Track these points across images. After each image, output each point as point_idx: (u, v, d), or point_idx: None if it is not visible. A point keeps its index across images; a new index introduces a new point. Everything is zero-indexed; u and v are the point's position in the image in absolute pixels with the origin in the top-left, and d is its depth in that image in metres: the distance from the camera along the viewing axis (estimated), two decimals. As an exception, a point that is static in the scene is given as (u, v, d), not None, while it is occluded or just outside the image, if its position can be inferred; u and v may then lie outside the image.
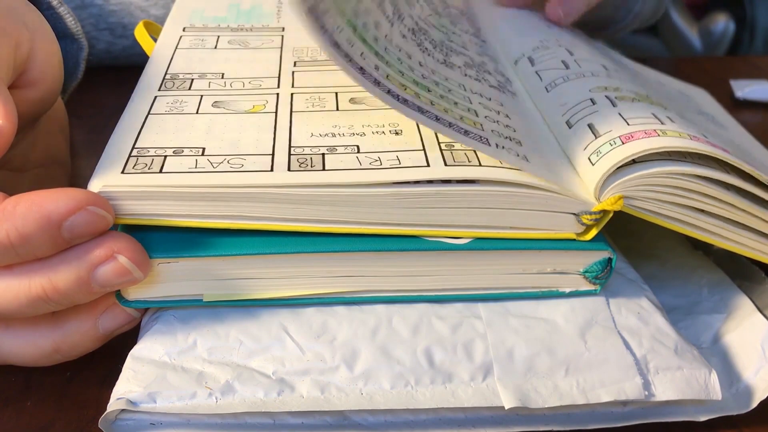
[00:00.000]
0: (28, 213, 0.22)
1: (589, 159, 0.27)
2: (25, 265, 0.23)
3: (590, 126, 0.28)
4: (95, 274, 0.23)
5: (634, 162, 0.26)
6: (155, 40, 0.35)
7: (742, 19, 0.85)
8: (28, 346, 0.25)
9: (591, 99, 0.30)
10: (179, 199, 0.24)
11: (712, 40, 0.85)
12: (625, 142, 0.26)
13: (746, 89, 0.53)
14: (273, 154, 0.26)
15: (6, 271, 0.23)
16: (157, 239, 0.25)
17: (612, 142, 0.27)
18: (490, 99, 0.30)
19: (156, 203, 0.24)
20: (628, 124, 0.27)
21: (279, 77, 0.32)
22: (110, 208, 0.24)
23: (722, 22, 0.85)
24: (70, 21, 0.37)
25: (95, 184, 0.24)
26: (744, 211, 0.27)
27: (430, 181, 0.25)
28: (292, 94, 0.31)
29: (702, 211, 0.27)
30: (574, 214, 0.26)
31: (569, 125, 0.29)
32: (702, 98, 0.45)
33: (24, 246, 0.22)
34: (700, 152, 0.26)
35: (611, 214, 0.26)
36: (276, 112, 0.29)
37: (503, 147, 0.26)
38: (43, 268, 0.23)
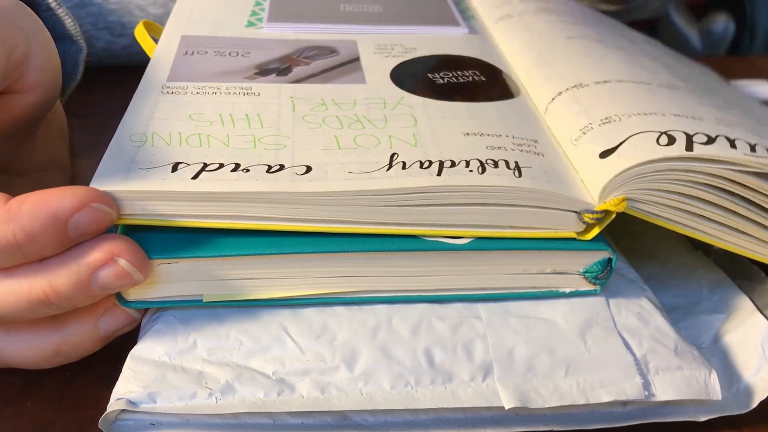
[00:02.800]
0: (34, 212, 0.22)
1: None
2: (25, 269, 0.23)
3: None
4: (95, 277, 0.23)
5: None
6: (156, 40, 0.35)
7: (742, 19, 0.85)
8: (30, 349, 0.25)
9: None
10: (179, 200, 0.24)
11: (712, 40, 0.85)
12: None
13: (746, 89, 0.53)
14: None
15: (6, 275, 0.23)
16: (157, 240, 0.25)
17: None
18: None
19: (156, 204, 0.24)
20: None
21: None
22: (114, 205, 0.24)
23: (722, 22, 0.85)
24: (69, 22, 0.37)
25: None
26: (745, 218, 0.27)
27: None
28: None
29: (706, 217, 0.27)
30: (576, 212, 0.26)
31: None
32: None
33: (30, 245, 0.22)
34: (711, 157, 0.26)
35: (614, 215, 0.26)
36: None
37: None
38: (44, 271, 0.23)
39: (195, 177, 0.25)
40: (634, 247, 0.33)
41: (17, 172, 0.32)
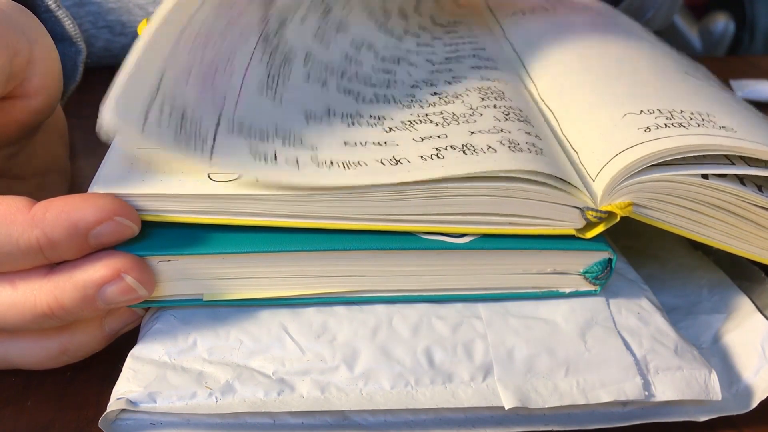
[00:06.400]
0: (57, 220, 0.23)
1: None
2: (31, 283, 0.23)
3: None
4: (101, 293, 0.24)
5: (653, 166, 0.26)
6: None
7: (742, 19, 0.85)
8: (35, 350, 0.26)
9: None
10: (180, 198, 0.24)
11: (712, 40, 0.85)
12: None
13: (746, 89, 0.53)
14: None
15: (11, 288, 0.24)
16: (157, 237, 0.25)
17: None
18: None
19: (156, 202, 0.24)
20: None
21: None
22: (137, 218, 0.24)
23: (722, 22, 0.85)
24: (69, 24, 0.37)
25: (98, 190, 0.24)
26: (752, 222, 0.27)
27: None
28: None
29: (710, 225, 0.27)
30: (579, 208, 0.26)
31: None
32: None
33: (51, 250, 0.23)
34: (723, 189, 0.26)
35: (617, 219, 0.26)
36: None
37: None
38: (50, 286, 0.23)
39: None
40: (634, 247, 0.33)
41: (17, 175, 0.32)
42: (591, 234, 0.27)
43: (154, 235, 0.25)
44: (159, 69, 0.24)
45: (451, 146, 0.27)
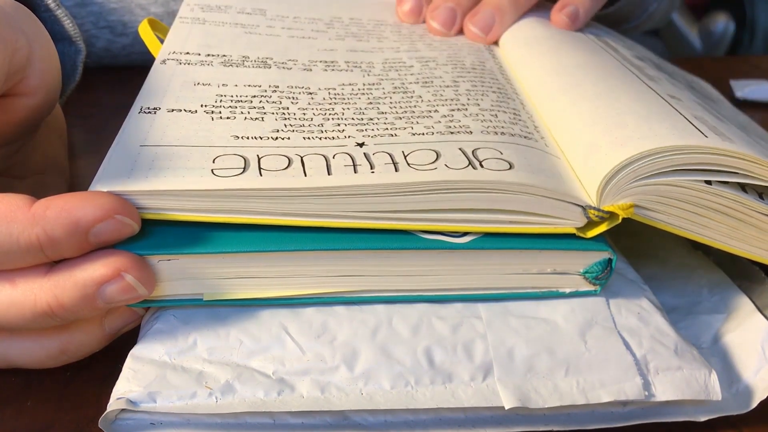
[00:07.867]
0: (58, 218, 0.23)
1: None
2: (31, 282, 0.24)
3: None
4: (101, 292, 0.24)
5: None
6: (161, 39, 0.35)
7: (742, 19, 0.85)
8: (35, 349, 0.26)
9: None
10: (181, 196, 0.24)
11: (712, 40, 0.85)
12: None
13: (746, 89, 0.53)
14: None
15: (11, 287, 0.24)
16: (157, 236, 0.25)
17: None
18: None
19: (157, 199, 0.24)
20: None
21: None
22: (137, 216, 0.24)
23: (722, 22, 0.85)
24: (68, 24, 0.37)
25: (100, 188, 0.24)
26: (753, 226, 0.28)
27: None
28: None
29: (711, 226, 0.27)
30: (581, 206, 0.26)
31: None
32: (707, 90, 0.45)
33: (52, 248, 0.23)
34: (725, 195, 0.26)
35: (619, 220, 0.26)
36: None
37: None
38: (50, 285, 0.23)
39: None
40: (634, 247, 0.33)
41: (17, 174, 0.33)
42: (592, 233, 0.27)
43: (155, 234, 0.25)
44: None
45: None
